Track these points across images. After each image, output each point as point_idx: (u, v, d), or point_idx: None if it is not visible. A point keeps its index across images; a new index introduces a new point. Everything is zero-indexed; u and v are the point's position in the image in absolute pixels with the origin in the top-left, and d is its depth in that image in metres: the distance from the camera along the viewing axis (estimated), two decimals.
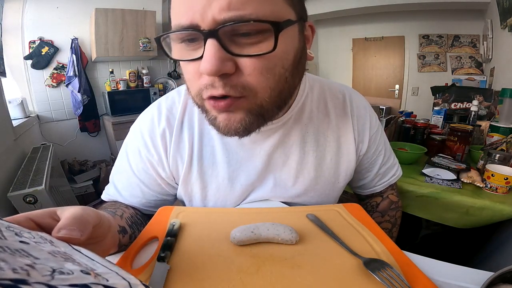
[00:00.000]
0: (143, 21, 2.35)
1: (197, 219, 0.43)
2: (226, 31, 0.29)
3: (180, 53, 0.33)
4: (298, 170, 0.50)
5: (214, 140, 0.48)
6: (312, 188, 0.52)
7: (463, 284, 0.31)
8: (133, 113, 2.37)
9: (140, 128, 0.49)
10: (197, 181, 0.49)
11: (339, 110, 0.52)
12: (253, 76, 0.31)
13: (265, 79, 0.32)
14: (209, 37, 0.29)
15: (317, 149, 0.50)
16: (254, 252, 0.35)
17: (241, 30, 0.29)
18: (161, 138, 0.47)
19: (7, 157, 1.20)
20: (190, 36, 0.31)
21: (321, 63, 3.87)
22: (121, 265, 0.33)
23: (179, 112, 0.48)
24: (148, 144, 0.48)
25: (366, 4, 2.77)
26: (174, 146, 0.47)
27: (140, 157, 0.48)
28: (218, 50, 0.29)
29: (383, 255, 0.34)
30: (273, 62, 0.32)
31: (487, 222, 0.75)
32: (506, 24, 1.80)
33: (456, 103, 1.51)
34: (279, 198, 0.52)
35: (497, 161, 0.84)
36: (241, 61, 0.31)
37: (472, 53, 2.72)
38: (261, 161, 0.49)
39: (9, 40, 2.01)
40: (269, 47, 0.30)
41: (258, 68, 0.31)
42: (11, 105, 1.85)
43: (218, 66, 0.29)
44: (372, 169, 0.58)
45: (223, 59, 0.29)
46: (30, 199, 0.93)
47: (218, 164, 0.48)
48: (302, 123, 0.49)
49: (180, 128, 0.48)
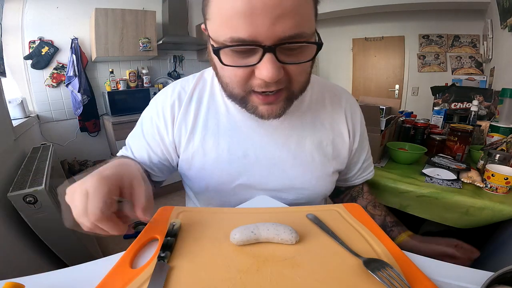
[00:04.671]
0: (143, 21, 2.35)
1: (197, 219, 0.43)
2: (282, 47, 0.36)
3: (231, 59, 0.38)
4: (296, 152, 0.55)
5: (220, 114, 0.55)
6: (310, 171, 0.56)
7: (463, 284, 0.31)
8: (133, 113, 2.37)
9: (156, 100, 0.58)
10: (198, 149, 0.54)
11: (335, 104, 0.59)
12: (294, 75, 0.41)
13: (301, 77, 0.42)
14: (268, 52, 0.35)
15: (314, 133, 0.56)
16: (254, 252, 0.35)
17: (292, 47, 0.37)
18: (170, 108, 0.55)
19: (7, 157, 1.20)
20: (247, 49, 0.36)
21: (321, 63, 3.87)
22: (121, 265, 0.33)
23: (190, 89, 0.56)
24: (159, 112, 0.56)
25: (366, 4, 2.77)
26: (181, 116, 0.55)
27: (151, 123, 0.56)
28: (275, 62, 0.36)
29: (383, 255, 0.34)
30: (307, 65, 0.41)
31: (487, 222, 0.75)
32: (506, 24, 1.80)
33: (456, 103, 1.51)
34: (277, 179, 0.55)
35: (497, 161, 0.84)
36: (287, 66, 0.39)
37: (472, 53, 2.72)
38: (261, 138, 0.54)
39: (9, 40, 2.01)
40: (308, 57, 0.39)
41: (298, 71, 0.40)
42: (11, 105, 1.85)
43: (276, 75, 0.37)
44: (357, 163, 0.65)
45: (278, 68, 0.37)
46: (30, 199, 0.93)
47: (220, 136, 0.54)
48: (301, 111, 0.56)
49: (189, 102, 0.55)
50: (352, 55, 3.53)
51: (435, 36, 2.88)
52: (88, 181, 0.33)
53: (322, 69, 3.83)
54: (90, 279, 0.31)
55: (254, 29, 0.33)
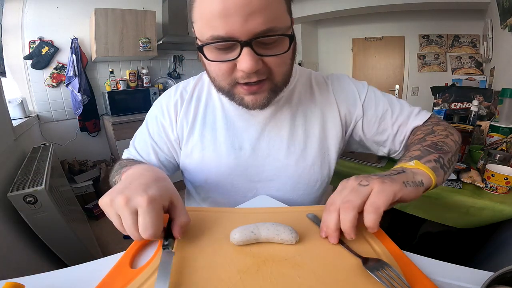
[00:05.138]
0: (143, 21, 2.35)
1: (197, 219, 0.43)
2: (257, 41, 0.40)
3: (215, 55, 0.43)
4: (289, 141, 0.58)
5: (216, 110, 0.59)
6: (304, 159, 0.58)
7: (463, 284, 0.31)
8: (133, 113, 2.37)
9: (160, 101, 0.63)
10: (197, 143, 0.59)
11: (322, 90, 0.61)
12: (273, 67, 0.44)
13: (280, 68, 0.45)
14: (244, 46, 0.39)
15: (305, 123, 0.59)
16: (254, 252, 0.35)
17: (267, 40, 0.40)
18: (174, 106, 0.60)
19: (7, 157, 1.20)
20: (227, 45, 0.40)
21: (321, 63, 3.87)
22: (121, 265, 0.33)
23: (191, 88, 0.61)
24: (164, 111, 0.60)
25: (366, 4, 2.77)
26: (182, 113, 0.59)
27: (156, 121, 0.61)
28: (252, 55, 0.40)
29: (383, 255, 0.34)
30: (286, 57, 0.45)
31: (487, 222, 0.75)
32: (506, 24, 1.80)
33: (456, 103, 1.51)
34: (272, 168, 0.58)
35: (497, 161, 0.84)
36: (265, 58, 0.42)
37: (472, 53, 2.72)
38: (256, 130, 0.58)
39: (9, 40, 2.01)
40: (285, 49, 0.42)
41: (277, 62, 0.44)
42: (11, 105, 1.85)
43: (254, 66, 0.40)
44: (387, 128, 0.58)
45: (256, 60, 0.40)
46: (30, 199, 0.93)
47: (217, 130, 0.58)
48: (292, 103, 0.59)
49: (190, 100, 0.60)
50: (352, 55, 3.54)
51: (435, 36, 2.89)
52: (137, 200, 0.33)
53: (322, 69, 3.83)
54: (90, 279, 0.31)
55: (230, 27, 0.38)
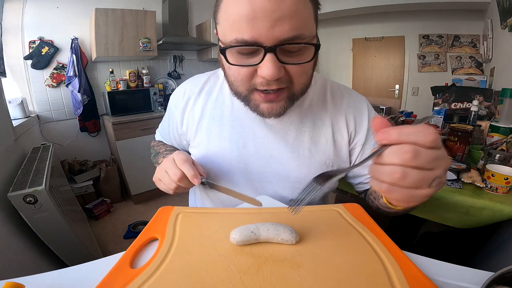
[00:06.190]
0: (143, 21, 2.35)
1: (197, 219, 0.43)
2: (281, 48, 0.39)
3: (236, 59, 0.42)
4: (294, 146, 0.57)
5: (225, 107, 0.60)
6: (306, 165, 0.57)
7: (463, 284, 0.31)
8: (133, 113, 2.37)
9: (174, 94, 0.67)
10: (204, 137, 0.61)
11: (336, 101, 0.60)
12: (295, 75, 0.43)
13: (301, 77, 0.44)
14: (268, 52, 0.38)
15: (313, 130, 0.58)
16: (254, 252, 0.35)
17: (292, 48, 0.39)
18: (183, 100, 0.63)
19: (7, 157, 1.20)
20: (250, 49, 0.40)
21: (321, 63, 3.87)
22: (121, 265, 0.33)
23: (201, 84, 0.63)
24: (176, 104, 0.65)
25: (366, 4, 2.77)
26: (190, 107, 0.63)
27: (169, 113, 0.68)
28: (276, 61, 0.39)
29: (383, 255, 0.34)
30: (308, 67, 0.44)
31: (487, 222, 0.75)
32: (506, 24, 1.80)
33: (456, 103, 1.51)
34: (273, 171, 0.58)
35: (497, 161, 0.84)
36: (288, 66, 0.41)
37: (472, 53, 2.72)
38: (261, 130, 0.58)
39: (9, 40, 2.01)
40: (308, 58, 0.41)
41: (299, 71, 0.43)
42: (11, 105, 1.85)
43: (277, 74, 0.39)
44: None
45: (279, 67, 0.40)
46: (30, 199, 0.93)
47: (224, 125, 0.59)
48: (302, 108, 0.58)
49: (198, 95, 0.62)
50: (352, 55, 3.53)
51: (435, 36, 2.88)
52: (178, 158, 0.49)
53: (322, 69, 3.83)
54: (90, 279, 0.31)
55: (255, 31, 0.37)
